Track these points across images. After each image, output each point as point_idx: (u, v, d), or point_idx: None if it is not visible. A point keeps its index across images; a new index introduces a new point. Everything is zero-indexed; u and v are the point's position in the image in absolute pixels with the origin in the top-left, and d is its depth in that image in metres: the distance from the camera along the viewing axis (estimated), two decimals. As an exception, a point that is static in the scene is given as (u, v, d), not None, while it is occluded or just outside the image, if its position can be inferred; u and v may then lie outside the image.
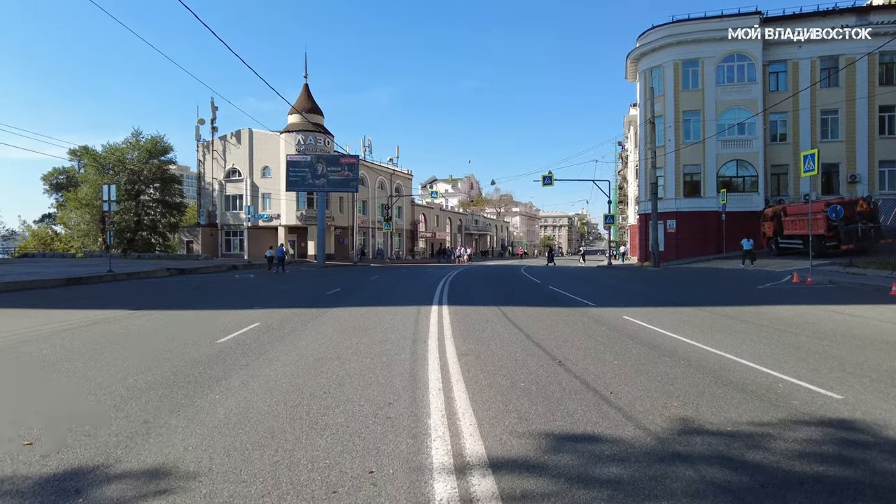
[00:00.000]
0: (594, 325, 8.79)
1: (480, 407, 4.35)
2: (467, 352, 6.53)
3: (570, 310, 10.83)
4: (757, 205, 33.50)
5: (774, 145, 34.36)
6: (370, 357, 6.33)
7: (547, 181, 35.39)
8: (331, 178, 38.62)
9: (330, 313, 10.49)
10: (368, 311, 10.72)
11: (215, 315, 10.48)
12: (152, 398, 4.73)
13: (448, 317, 9.65)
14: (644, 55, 36.28)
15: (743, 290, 15.12)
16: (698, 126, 34.35)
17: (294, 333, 8.13)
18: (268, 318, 9.94)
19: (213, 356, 6.54)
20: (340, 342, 7.33)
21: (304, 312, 10.67)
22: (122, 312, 11.14)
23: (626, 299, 13.19)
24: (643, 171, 36.84)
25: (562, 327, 8.50)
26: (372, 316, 10.01)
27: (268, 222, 44.27)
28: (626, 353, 6.46)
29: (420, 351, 6.63)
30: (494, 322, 9.05)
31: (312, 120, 42.82)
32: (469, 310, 10.80)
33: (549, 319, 9.40)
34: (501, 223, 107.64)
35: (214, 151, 45.78)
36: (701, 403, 4.44)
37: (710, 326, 8.57)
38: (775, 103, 32.77)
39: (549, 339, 7.38)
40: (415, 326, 8.61)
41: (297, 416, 4.18)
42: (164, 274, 24.24)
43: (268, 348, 7.01)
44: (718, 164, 34.08)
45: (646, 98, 36.04)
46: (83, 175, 45.77)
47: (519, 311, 10.49)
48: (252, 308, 11.55)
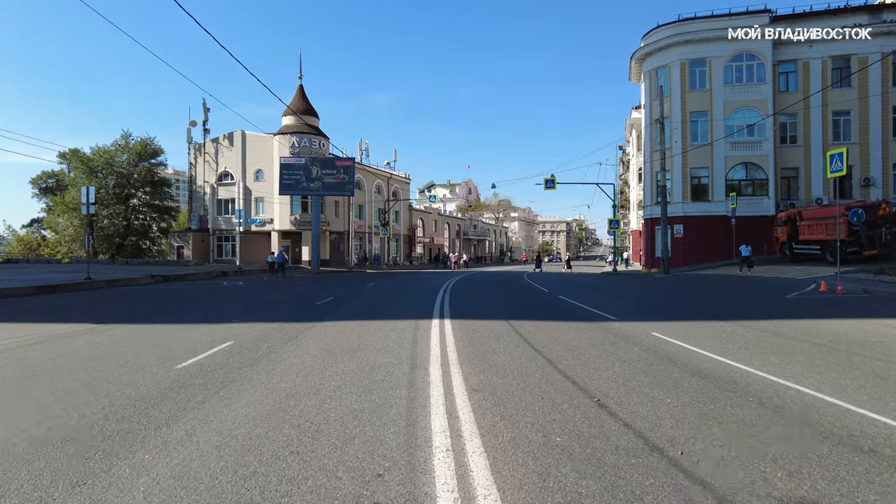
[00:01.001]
0: (624, 344, 7.52)
1: (507, 482, 3.07)
2: (479, 386, 5.24)
3: (590, 325, 9.56)
4: (767, 209, 32.35)
5: (784, 148, 33.24)
6: (357, 393, 5.04)
7: (549, 184, 34.20)
8: (326, 181, 37.38)
9: (316, 329, 9.20)
10: (360, 327, 9.43)
11: (187, 330, 9.19)
12: (56, 461, 3.45)
13: (451, 334, 8.36)
14: (649, 55, 35.21)
15: (771, 301, 13.87)
16: (706, 127, 33.25)
17: (270, 356, 6.84)
18: (245, 334, 8.65)
19: (165, 389, 5.27)
20: (323, 369, 6.04)
21: (288, 328, 9.37)
22: (83, 327, 9.84)
23: (647, 311, 11.94)
24: (648, 174, 35.69)
25: (587, 348, 7.22)
26: (363, 332, 8.72)
27: (261, 227, 42.92)
28: (676, 387, 5.19)
29: (420, 383, 5.35)
30: (506, 341, 7.77)
31: (307, 122, 41.59)
32: (475, 325, 9.51)
33: (569, 337, 8.13)
34: (500, 228, 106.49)
35: (206, 154, 44.49)
36: (814, 473, 3.17)
37: (759, 346, 7.31)
38: (787, 105, 31.69)
39: (578, 366, 6.10)
40: (413, 347, 7.32)
41: (246, 501, 2.89)
42: (147, 281, 22.90)
43: (234, 377, 5.73)
44: (727, 166, 32.95)
45: (652, 98, 34.97)
46: (70, 178, 44.37)
47: (532, 327, 9.22)
48: (230, 322, 10.26)
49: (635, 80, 40.13)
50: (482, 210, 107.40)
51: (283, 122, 42.57)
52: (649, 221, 35.91)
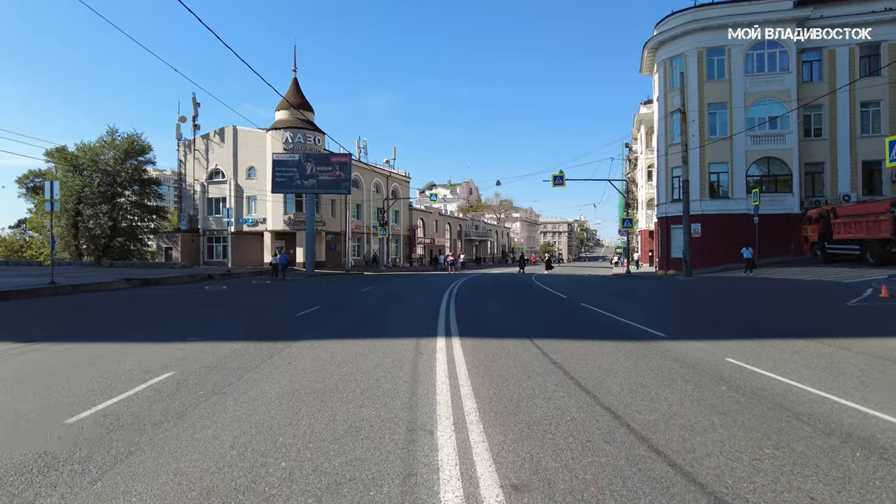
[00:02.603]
0: (700, 379, 5.48)
1: None
2: (522, 480, 3.16)
3: (638, 346, 7.51)
4: (791, 207, 30.31)
5: (808, 141, 31.18)
6: (320, 490, 3.00)
7: (558, 181, 32.13)
8: (321, 178, 35.31)
9: (288, 352, 7.16)
10: (344, 349, 7.38)
11: (126, 353, 7.17)
12: None
13: (464, 363, 6.31)
14: (663, 44, 33.17)
15: (833, 310, 11.83)
16: (725, 120, 31.21)
17: (210, 401, 4.81)
18: (195, 359, 6.63)
19: (22, 466, 3.26)
20: (277, 430, 4.00)
21: (253, 350, 7.34)
22: (2, 347, 7.85)
23: (696, 324, 9.90)
24: (663, 169, 33.64)
25: (656, 388, 5.17)
26: (347, 359, 6.67)
27: (253, 227, 40.87)
28: (839, 469, 3.14)
29: (423, 470, 3.29)
30: (541, 375, 5.73)
31: (302, 116, 39.56)
32: (492, 347, 7.46)
33: (621, 368, 6.08)
34: (502, 229, 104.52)
35: (196, 151, 42.44)
36: None
37: (889, 381, 5.27)
38: (812, 95, 29.61)
39: (659, 424, 4.05)
40: (411, 386, 5.28)
41: None
42: (121, 286, 20.88)
43: (141, 444, 3.72)
44: (748, 161, 30.90)
45: (667, 90, 32.99)
46: (53, 176, 42.32)
47: (566, 350, 7.16)
48: (187, 340, 8.22)
49: (647, 71, 38.06)
50: (483, 210, 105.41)
51: (277, 117, 40.55)
52: (664, 220, 33.86)
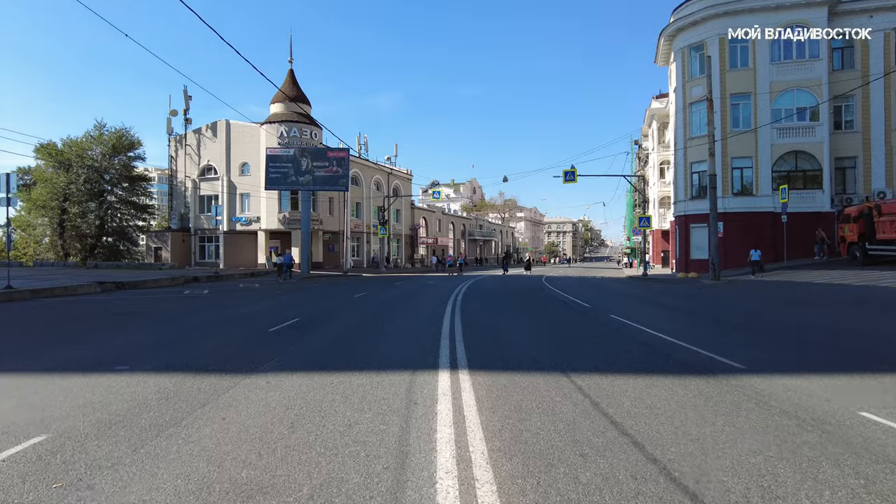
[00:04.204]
0: (860, 463, 3.42)
1: None
2: None
3: (718, 385, 5.44)
4: (821, 204, 28.20)
5: (839, 134, 29.03)
6: None
7: (569, 177, 30.07)
8: (317, 174, 33.36)
9: (231, 396, 5.13)
10: (307, 394, 5.31)
11: (7, 394, 5.18)
12: None
13: (479, 428, 4.25)
14: (682, 30, 31.06)
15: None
16: (749, 112, 29.10)
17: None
18: (98, 407, 4.65)
19: None
20: None
21: (187, 390, 5.32)
22: None
23: (771, 347, 7.81)
24: (681, 164, 31.51)
25: (800, 482, 3.11)
26: (307, 413, 4.63)
27: (246, 226, 38.90)
28: None
29: None
30: (601, 451, 3.68)
31: (298, 109, 37.59)
32: (515, 388, 5.39)
33: (720, 434, 4.02)
34: (506, 228, 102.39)
35: (188, 146, 40.49)
36: None
37: None
38: (845, 85, 27.44)
39: None
40: (396, 480, 3.23)
41: None
42: (92, 290, 18.94)
43: None
44: (773, 156, 28.78)
45: (685, 80, 30.91)
46: (41, 172, 40.42)
47: (621, 394, 5.10)
48: (110, 370, 6.23)
49: (662, 61, 35.92)
50: (487, 210, 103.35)
51: (272, 111, 38.58)
52: (682, 219, 31.74)
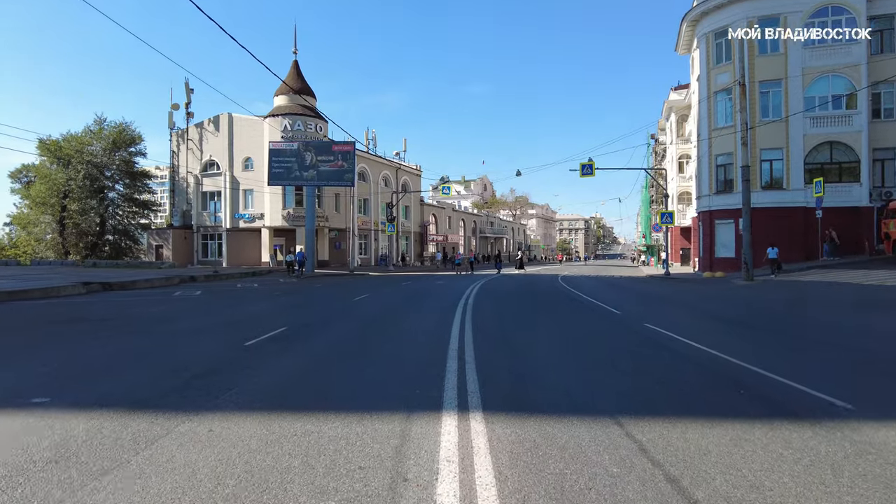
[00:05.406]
0: None
1: None
2: None
3: (833, 442, 3.88)
4: (858, 199, 26.28)
5: (877, 123, 27.04)
6: None
7: (586, 170, 28.39)
8: (321, 169, 31.99)
9: (148, 457, 3.66)
10: (259, 450, 3.83)
11: None
12: None
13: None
14: (706, 14, 29.19)
15: None
16: (779, 100, 27.22)
17: None
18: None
19: None
20: None
21: (100, 443, 3.87)
22: None
23: (875, 377, 6.21)
24: (706, 156, 29.68)
25: None
26: (245, 493, 3.15)
27: (250, 223, 37.68)
28: None
29: None
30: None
31: (302, 102, 36.23)
32: (548, 445, 3.85)
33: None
34: (518, 226, 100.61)
35: (189, 141, 39.37)
36: None
37: None
38: (888, 75, 25.40)
39: None
40: None
41: None
42: (76, 291, 17.69)
43: None
44: (806, 147, 26.89)
45: (709, 66, 29.04)
46: (42, 168, 39.53)
47: (699, 451, 3.56)
48: (23, 405, 4.82)
49: (684, 49, 34.03)
50: (498, 207, 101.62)
51: (275, 103, 37.29)
52: (706, 215, 29.93)
